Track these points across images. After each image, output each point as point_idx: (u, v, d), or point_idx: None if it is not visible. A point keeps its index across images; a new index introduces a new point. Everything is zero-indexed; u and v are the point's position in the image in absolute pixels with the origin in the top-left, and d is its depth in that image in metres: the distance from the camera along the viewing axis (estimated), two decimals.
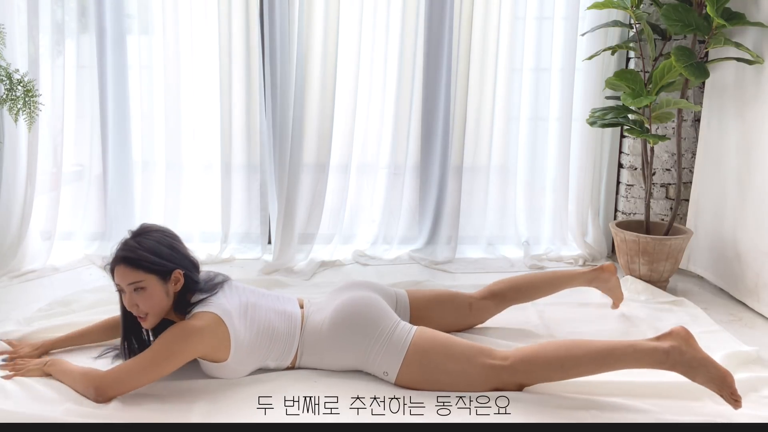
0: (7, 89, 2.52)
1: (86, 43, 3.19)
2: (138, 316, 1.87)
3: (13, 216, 3.07)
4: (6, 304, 2.61)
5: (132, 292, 1.84)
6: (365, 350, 1.93)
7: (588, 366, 1.81)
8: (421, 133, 3.33)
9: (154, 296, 1.84)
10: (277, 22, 3.09)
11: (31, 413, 1.73)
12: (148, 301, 1.84)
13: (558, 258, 3.32)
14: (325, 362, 1.99)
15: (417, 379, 1.89)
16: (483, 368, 1.85)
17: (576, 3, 3.18)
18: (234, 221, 3.34)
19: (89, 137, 3.27)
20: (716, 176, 2.93)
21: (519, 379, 1.85)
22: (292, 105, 3.16)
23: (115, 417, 1.73)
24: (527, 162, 3.42)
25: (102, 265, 1.96)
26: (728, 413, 1.78)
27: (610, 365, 1.80)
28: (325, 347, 1.98)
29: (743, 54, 2.66)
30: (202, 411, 1.78)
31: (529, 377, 1.85)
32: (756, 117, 2.66)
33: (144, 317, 1.87)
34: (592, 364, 1.80)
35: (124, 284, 1.84)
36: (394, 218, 3.38)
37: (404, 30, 3.20)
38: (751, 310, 2.66)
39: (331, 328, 1.97)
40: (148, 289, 1.83)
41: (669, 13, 2.67)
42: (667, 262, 2.80)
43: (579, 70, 3.25)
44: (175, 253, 1.90)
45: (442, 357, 1.87)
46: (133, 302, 1.84)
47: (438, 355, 1.88)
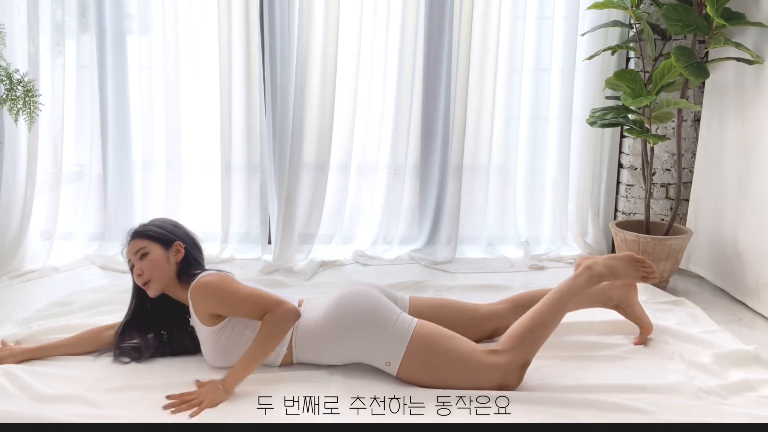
0: (7, 89, 2.52)
1: (86, 43, 3.19)
2: (143, 285, 2.02)
3: (13, 216, 3.07)
4: (6, 304, 2.62)
5: (138, 260, 2.02)
6: (367, 340, 1.94)
7: (556, 316, 1.99)
8: (421, 133, 3.33)
9: (156, 261, 2.02)
10: (277, 22, 3.09)
11: (31, 413, 1.72)
12: (151, 266, 2.01)
13: (558, 258, 3.32)
14: (323, 355, 2.00)
15: (419, 371, 1.89)
16: (484, 364, 1.87)
17: (576, 3, 3.18)
18: (234, 221, 3.34)
19: (89, 137, 3.27)
20: (716, 176, 2.93)
21: (520, 363, 1.89)
22: (292, 105, 3.16)
23: (115, 417, 1.73)
24: (527, 162, 3.42)
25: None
26: (728, 413, 1.78)
27: (566, 307, 2.03)
28: (322, 339, 1.98)
29: (743, 54, 2.66)
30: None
31: (526, 354, 1.90)
32: (756, 117, 2.66)
33: (147, 284, 2.02)
34: (557, 312, 2.00)
35: (132, 255, 2.04)
36: (394, 218, 3.37)
37: (404, 30, 3.20)
38: (751, 310, 2.66)
39: (329, 320, 1.97)
40: (151, 253, 2.02)
41: (669, 13, 2.67)
42: (667, 262, 2.80)
43: (579, 70, 3.25)
44: (178, 229, 2.12)
45: (444, 348, 1.89)
46: (139, 270, 2.02)
47: (441, 346, 1.89)
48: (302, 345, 2.00)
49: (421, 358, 1.89)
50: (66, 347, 2.10)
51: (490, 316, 2.20)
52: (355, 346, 1.96)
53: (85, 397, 1.82)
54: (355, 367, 2.01)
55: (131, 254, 2.05)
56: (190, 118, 3.31)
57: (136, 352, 2.07)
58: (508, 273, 3.12)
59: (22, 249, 3.05)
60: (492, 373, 1.86)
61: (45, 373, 1.94)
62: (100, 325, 2.19)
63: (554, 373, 2.00)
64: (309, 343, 2.00)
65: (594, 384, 1.92)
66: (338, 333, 1.96)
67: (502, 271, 3.15)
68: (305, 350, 2.01)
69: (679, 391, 1.89)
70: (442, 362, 1.88)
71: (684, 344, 2.22)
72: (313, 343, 1.99)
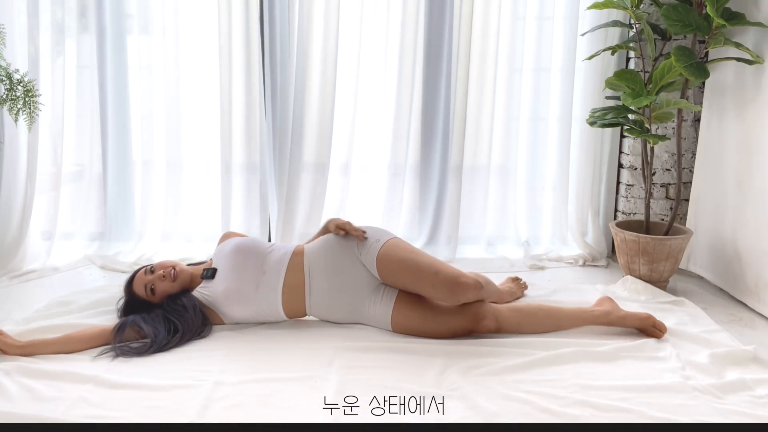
0: (7, 89, 2.52)
1: (86, 43, 3.19)
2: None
3: (13, 216, 3.07)
4: (6, 304, 2.62)
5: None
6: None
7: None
8: (421, 133, 3.33)
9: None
10: (277, 22, 3.09)
11: (31, 413, 1.72)
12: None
13: (558, 258, 3.32)
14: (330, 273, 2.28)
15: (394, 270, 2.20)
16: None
17: (576, 3, 3.18)
18: (234, 221, 3.34)
19: (89, 137, 3.27)
20: (716, 176, 2.93)
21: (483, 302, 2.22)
22: (292, 105, 3.16)
23: (115, 417, 1.74)
24: (527, 162, 3.42)
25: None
26: (724, 413, 1.78)
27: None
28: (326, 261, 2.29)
29: (743, 54, 2.66)
30: (201, 409, 1.78)
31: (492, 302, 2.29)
32: (756, 117, 2.66)
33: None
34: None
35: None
36: (394, 218, 3.37)
37: (404, 29, 3.19)
38: (751, 310, 2.66)
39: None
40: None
41: (669, 13, 2.67)
42: (667, 262, 2.80)
43: (579, 70, 3.25)
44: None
45: (412, 248, 2.28)
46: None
47: (408, 248, 2.27)
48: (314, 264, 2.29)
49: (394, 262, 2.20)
50: (64, 343, 2.11)
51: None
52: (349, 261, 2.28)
53: (85, 397, 1.82)
54: (353, 366, 2.02)
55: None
56: (190, 118, 3.31)
57: (139, 345, 2.11)
58: (508, 273, 3.11)
59: (22, 249, 3.05)
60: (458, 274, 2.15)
61: (45, 373, 1.94)
62: (98, 326, 2.21)
63: (550, 372, 2.00)
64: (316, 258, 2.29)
65: (591, 384, 1.92)
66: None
67: (502, 271, 3.14)
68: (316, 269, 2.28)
69: (675, 391, 1.89)
70: (414, 254, 2.21)
71: (682, 343, 2.22)
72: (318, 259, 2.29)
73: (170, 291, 2.28)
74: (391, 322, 2.23)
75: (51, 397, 1.81)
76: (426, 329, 2.20)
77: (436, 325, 2.19)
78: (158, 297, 2.28)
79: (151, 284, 2.27)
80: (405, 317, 2.21)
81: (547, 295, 2.71)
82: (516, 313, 2.26)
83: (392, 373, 1.98)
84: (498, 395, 1.85)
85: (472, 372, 1.98)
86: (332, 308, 2.28)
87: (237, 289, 2.25)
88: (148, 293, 2.28)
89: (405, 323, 2.22)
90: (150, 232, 3.32)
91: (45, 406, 1.77)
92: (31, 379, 1.90)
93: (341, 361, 2.04)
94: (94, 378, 1.91)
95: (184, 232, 3.38)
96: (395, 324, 2.23)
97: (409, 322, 2.21)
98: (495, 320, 2.21)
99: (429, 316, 2.20)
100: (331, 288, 2.26)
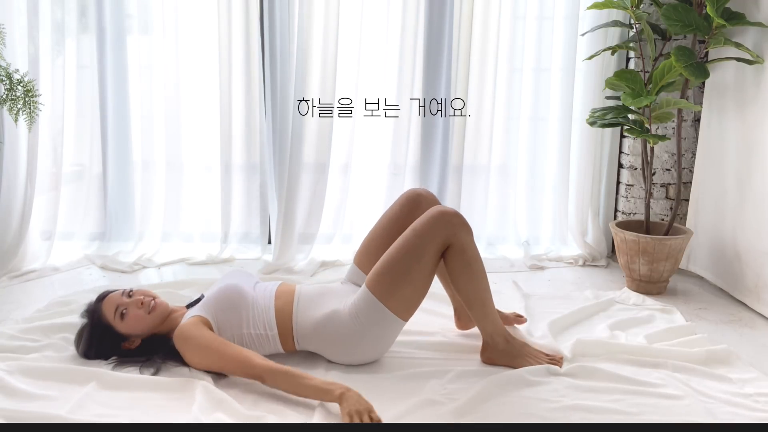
0: (7, 89, 2.52)
1: (86, 43, 3.19)
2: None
3: (13, 216, 3.07)
4: (6, 304, 2.62)
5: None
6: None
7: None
8: (421, 133, 3.33)
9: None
10: (277, 22, 3.09)
11: (33, 413, 1.73)
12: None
13: (558, 258, 3.32)
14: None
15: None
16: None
17: (576, 3, 3.18)
18: (234, 221, 3.34)
19: (89, 137, 3.27)
20: (716, 176, 2.93)
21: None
22: (292, 105, 3.16)
23: (115, 417, 1.74)
24: (527, 162, 3.42)
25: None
26: (710, 412, 1.79)
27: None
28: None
29: (743, 54, 2.66)
30: (202, 409, 1.77)
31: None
32: (756, 117, 2.66)
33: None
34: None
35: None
36: None
37: (404, 29, 3.19)
38: (751, 310, 2.66)
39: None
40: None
41: (669, 13, 2.67)
42: (667, 262, 2.80)
43: (579, 70, 3.25)
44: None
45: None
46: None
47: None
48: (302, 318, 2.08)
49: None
50: None
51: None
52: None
53: (85, 396, 1.82)
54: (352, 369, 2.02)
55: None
56: (190, 118, 3.30)
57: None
58: (508, 273, 3.12)
59: (22, 249, 3.05)
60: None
61: (45, 373, 1.94)
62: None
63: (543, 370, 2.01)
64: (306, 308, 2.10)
65: (581, 384, 1.94)
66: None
67: (502, 271, 3.14)
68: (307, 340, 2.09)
69: (663, 392, 1.90)
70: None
71: (666, 347, 2.18)
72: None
73: (140, 323, 2.03)
74: (366, 283, 2.05)
75: (51, 397, 1.81)
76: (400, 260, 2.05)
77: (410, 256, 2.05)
78: (125, 326, 2.03)
79: (124, 308, 2.02)
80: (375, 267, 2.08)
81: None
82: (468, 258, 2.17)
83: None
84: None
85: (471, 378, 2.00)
86: (318, 306, 2.11)
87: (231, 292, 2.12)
88: (116, 317, 2.02)
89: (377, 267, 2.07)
90: (150, 232, 3.32)
91: (46, 406, 1.77)
92: (35, 378, 1.90)
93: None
94: (94, 378, 1.91)
95: (184, 232, 3.38)
96: (370, 282, 2.05)
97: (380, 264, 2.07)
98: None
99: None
100: (317, 296, 2.15)
